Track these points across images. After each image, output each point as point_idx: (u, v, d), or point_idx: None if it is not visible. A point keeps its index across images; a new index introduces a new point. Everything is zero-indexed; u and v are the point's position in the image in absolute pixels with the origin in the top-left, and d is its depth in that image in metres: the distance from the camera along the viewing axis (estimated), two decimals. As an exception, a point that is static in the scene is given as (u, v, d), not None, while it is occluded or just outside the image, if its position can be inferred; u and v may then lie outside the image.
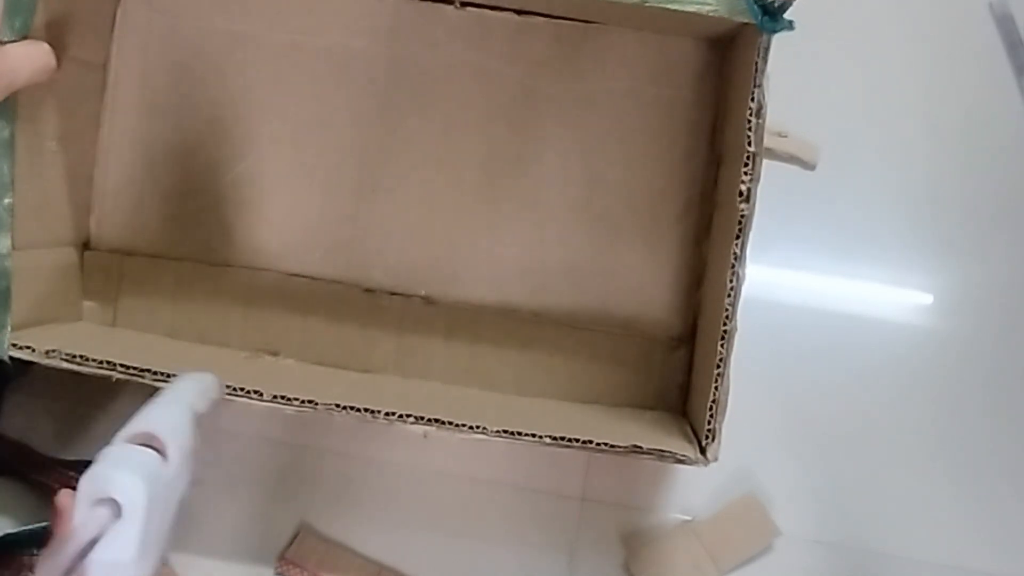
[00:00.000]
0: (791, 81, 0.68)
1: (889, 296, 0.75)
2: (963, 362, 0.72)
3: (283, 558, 0.64)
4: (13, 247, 0.57)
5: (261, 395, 0.53)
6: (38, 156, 0.60)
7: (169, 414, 0.44)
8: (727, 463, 0.67)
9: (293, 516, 0.65)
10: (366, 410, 0.54)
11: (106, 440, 0.67)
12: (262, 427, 0.67)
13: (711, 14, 0.55)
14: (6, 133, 0.55)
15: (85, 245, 0.66)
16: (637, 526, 0.66)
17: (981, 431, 0.70)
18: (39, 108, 0.59)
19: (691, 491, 0.66)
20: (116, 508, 0.40)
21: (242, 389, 0.54)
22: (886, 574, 0.65)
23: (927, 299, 0.74)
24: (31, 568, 0.55)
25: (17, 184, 0.56)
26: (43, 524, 0.56)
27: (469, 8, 0.65)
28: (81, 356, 0.55)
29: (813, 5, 0.85)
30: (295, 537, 0.64)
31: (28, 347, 0.55)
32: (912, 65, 0.83)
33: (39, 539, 0.56)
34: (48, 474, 0.60)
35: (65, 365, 0.55)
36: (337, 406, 0.54)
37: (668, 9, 0.55)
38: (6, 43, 0.53)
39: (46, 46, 0.55)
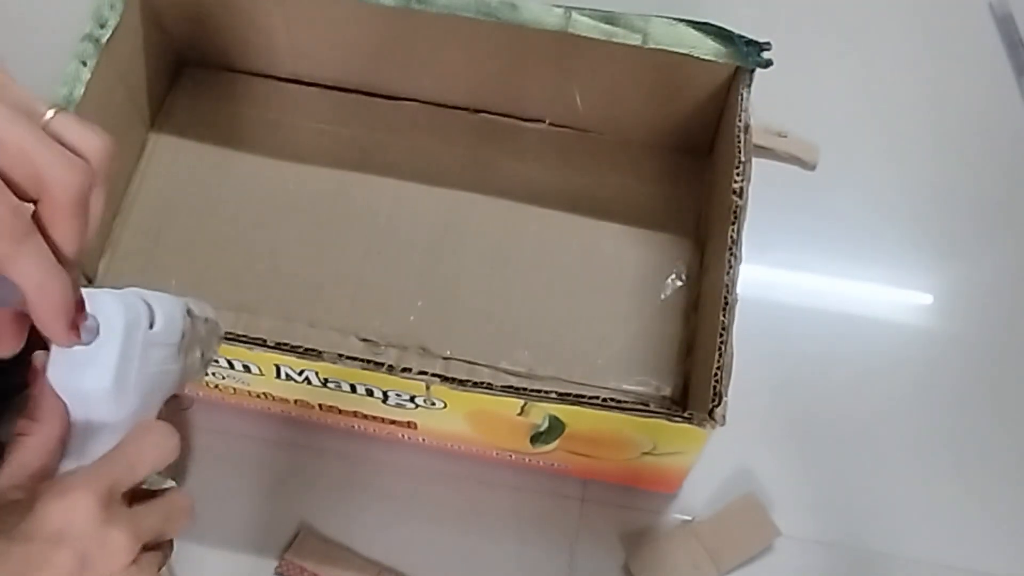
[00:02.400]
0: (791, 81, 0.68)
1: (889, 296, 0.75)
2: (963, 362, 0.72)
3: (283, 558, 0.64)
4: None
5: (264, 342, 0.54)
6: None
7: (160, 295, 0.43)
8: (727, 463, 0.67)
9: (293, 516, 0.65)
10: (368, 361, 0.55)
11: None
12: (262, 427, 0.67)
13: (703, 56, 0.61)
14: None
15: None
16: (637, 526, 0.66)
17: (981, 431, 0.69)
18: None
19: (691, 491, 0.66)
20: (95, 324, 0.38)
21: (244, 337, 0.54)
22: (886, 574, 0.65)
23: (927, 299, 0.74)
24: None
25: None
26: None
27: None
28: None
29: (814, 5, 0.85)
30: (295, 537, 0.65)
31: None
32: (912, 65, 0.83)
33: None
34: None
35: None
36: (340, 355, 0.55)
37: (668, 51, 0.61)
38: None
39: None
